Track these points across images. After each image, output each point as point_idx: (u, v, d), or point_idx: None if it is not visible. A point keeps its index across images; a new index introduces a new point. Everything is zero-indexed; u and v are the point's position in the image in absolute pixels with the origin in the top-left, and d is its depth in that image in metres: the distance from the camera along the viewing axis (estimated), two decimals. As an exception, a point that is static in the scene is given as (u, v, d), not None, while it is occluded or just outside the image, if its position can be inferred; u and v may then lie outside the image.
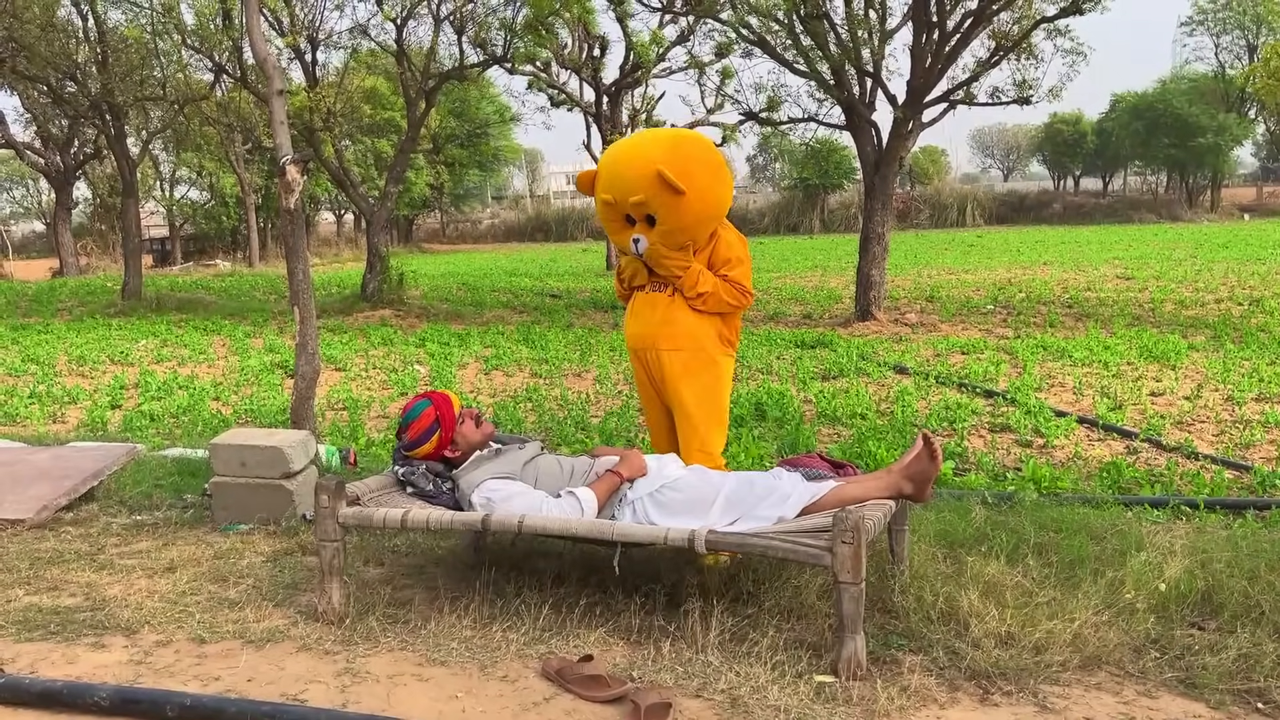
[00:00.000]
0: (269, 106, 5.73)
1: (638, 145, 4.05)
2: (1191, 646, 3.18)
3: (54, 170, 26.69)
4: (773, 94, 16.79)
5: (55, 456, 5.66)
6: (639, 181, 3.84)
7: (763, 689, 2.93)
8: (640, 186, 3.84)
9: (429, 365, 10.53)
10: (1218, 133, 44.00)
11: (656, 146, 3.94)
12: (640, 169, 3.85)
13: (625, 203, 3.91)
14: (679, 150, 3.91)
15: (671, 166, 3.80)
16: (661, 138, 4.07)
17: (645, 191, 3.83)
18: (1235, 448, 6.22)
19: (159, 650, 3.37)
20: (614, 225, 4.09)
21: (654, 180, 3.80)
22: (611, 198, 3.96)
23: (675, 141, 3.99)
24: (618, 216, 4.01)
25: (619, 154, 4.06)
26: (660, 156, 3.84)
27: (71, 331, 14.31)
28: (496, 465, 3.72)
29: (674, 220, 3.90)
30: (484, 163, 44.82)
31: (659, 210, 3.87)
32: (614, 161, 4.02)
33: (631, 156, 3.97)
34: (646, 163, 3.84)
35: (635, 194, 3.86)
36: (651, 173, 3.80)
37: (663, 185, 3.79)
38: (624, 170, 3.94)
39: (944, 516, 4.42)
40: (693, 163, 3.90)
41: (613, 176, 3.97)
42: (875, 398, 8.03)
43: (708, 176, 3.93)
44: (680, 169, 3.82)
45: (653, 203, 3.85)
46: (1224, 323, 11.67)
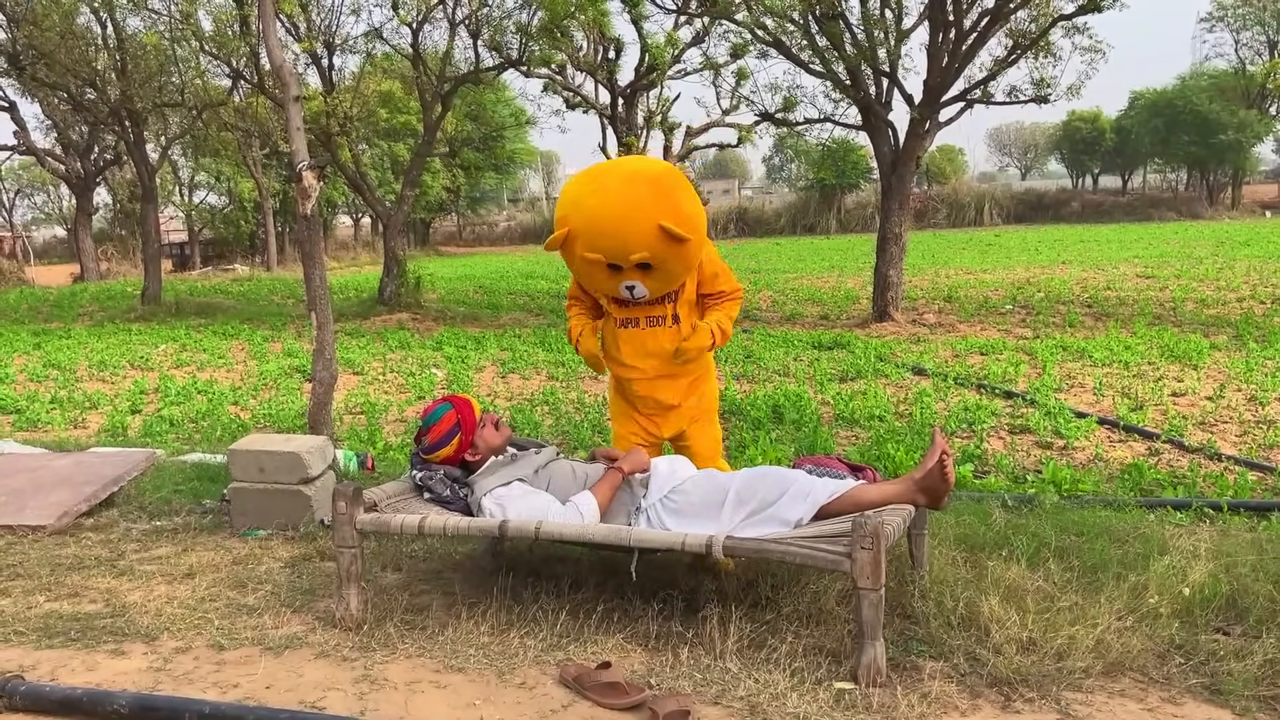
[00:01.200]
0: (286, 112, 5.75)
1: (624, 199, 3.69)
2: (1216, 652, 3.14)
3: (74, 176, 26.93)
4: (788, 94, 16.74)
5: (76, 462, 5.70)
6: (639, 239, 3.63)
7: (782, 696, 2.91)
8: (642, 244, 3.64)
9: (446, 369, 10.54)
10: (1238, 129, 43.64)
11: (646, 197, 3.66)
12: (638, 226, 3.62)
13: (626, 261, 3.68)
14: (667, 194, 3.69)
15: (669, 214, 3.62)
16: (643, 186, 3.70)
17: (649, 247, 3.64)
18: (1259, 448, 6.15)
19: (178, 657, 3.38)
20: (598, 277, 3.84)
21: (656, 235, 3.61)
22: (602, 258, 3.71)
23: (658, 184, 3.71)
24: (601, 268, 3.77)
25: (605, 212, 3.70)
26: (655, 208, 3.62)
27: (92, 336, 14.42)
28: (510, 470, 3.71)
29: (677, 264, 3.76)
30: (500, 165, 44.85)
31: (662, 260, 3.70)
32: (600, 224, 3.70)
33: (623, 213, 3.67)
34: (644, 218, 3.62)
35: (637, 252, 3.65)
36: (652, 229, 3.60)
37: (666, 239, 3.62)
38: (618, 230, 3.66)
39: (964, 520, 4.39)
40: (681, 200, 3.71)
41: (602, 239, 3.69)
42: (893, 399, 7.99)
43: (693, 208, 3.78)
44: (676, 214, 3.65)
45: (658, 256, 3.67)
46: (1246, 321, 11.56)
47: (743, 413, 7.34)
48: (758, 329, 13.08)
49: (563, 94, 19.36)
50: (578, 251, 3.77)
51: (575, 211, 3.78)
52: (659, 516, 3.54)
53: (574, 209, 3.79)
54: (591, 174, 3.88)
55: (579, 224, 3.74)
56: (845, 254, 28.94)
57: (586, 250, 3.73)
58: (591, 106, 19.38)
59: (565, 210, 3.82)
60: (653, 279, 3.79)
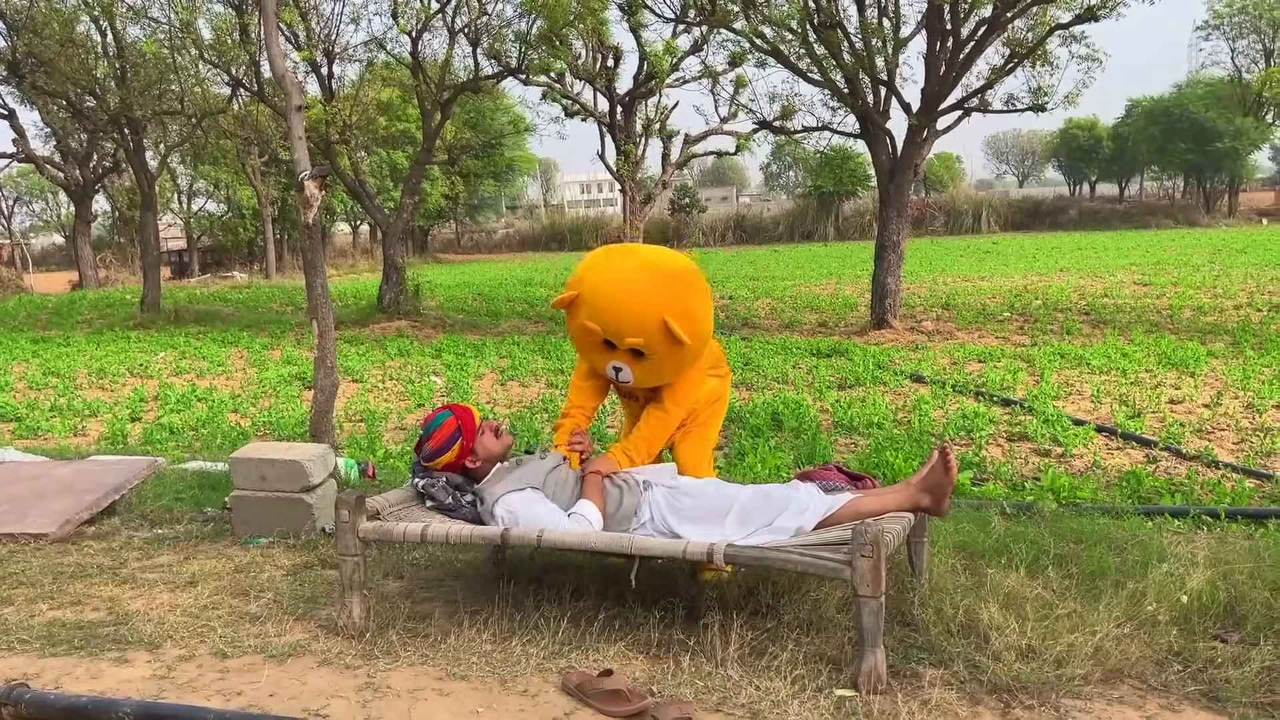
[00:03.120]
0: (288, 122, 5.77)
1: (638, 281, 3.68)
2: (1214, 659, 3.16)
3: (73, 184, 26.95)
4: (787, 103, 16.82)
5: (77, 470, 5.71)
6: (638, 325, 3.61)
7: (783, 703, 2.93)
8: (641, 331, 3.62)
9: (445, 376, 10.56)
10: (1235, 137, 43.82)
11: (659, 289, 3.65)
12: (642, 313, 3.61)
13: (621, 342, 3.68)
14: (683, 292, 3.69)
15: (675, 310, 3.60)
16: (660, 275, 3.70)
17: (646, 336, 3.62)
18: (1256, 456, 6.18)
19: (182, 665, 3.39)
20: (590, 347, 3.84)
21: (658, 329, 3.59)
22: (599, 329, 3.70)
23: (675, 280, 3.71)
24: (597, 341, 3.76)
25: (615, 290, 3.69)
26: (664, 301, 3.61)
27: (91, 344, 14.43)
28: (519, 476, 3.73)
29: (668, 363, 3.75)
30: (499, 173, 45.05)
31: (655, 353, 3.68)
32: (608, 297, 3.69)
33: (632, 297, 3.65)
34: (649, 307, 3.60)
35: (634, 337, 3.63)
36: (656, 320, 3.58)
37: (667, 335, 3.60)
38: (622, 311, 3.65)
39: (963, 527, 4.41)
40: (693, 303, 3.71)
41: (606, 313, 3.68)
42: (892, 407, 8.02)
43: (704, 313, 3.77)
44: (683, 311, 3.63)
45: (652, 347, 3.65)
46: (1244, 329, 11.59)
47: (742, 420, 7.36)
48: (756, 337, 13.11)
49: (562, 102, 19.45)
50: (580, 318, 3.76)
51: (589, 278, 3.79)
52: (662, 515, 3.57)
53: (589, 274, 3.80)
54: (618, 249, 3.94)
55: (589, 291, 3.74)
56: (843, 261, 29.00)
57: (588, 319, 3.72)
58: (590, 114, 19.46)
59: (581, 274, 3.84)
60: (641, 369, 3.77)
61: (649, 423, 3.93)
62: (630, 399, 4.17)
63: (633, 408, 4.20)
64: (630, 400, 4.19)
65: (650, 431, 3.92)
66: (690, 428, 4.10)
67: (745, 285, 21.08)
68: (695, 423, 4.11)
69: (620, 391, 4.15)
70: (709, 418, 4.16)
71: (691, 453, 4.09)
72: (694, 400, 4.01)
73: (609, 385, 4.11)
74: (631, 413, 4.22)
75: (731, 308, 16.69)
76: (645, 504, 3.63)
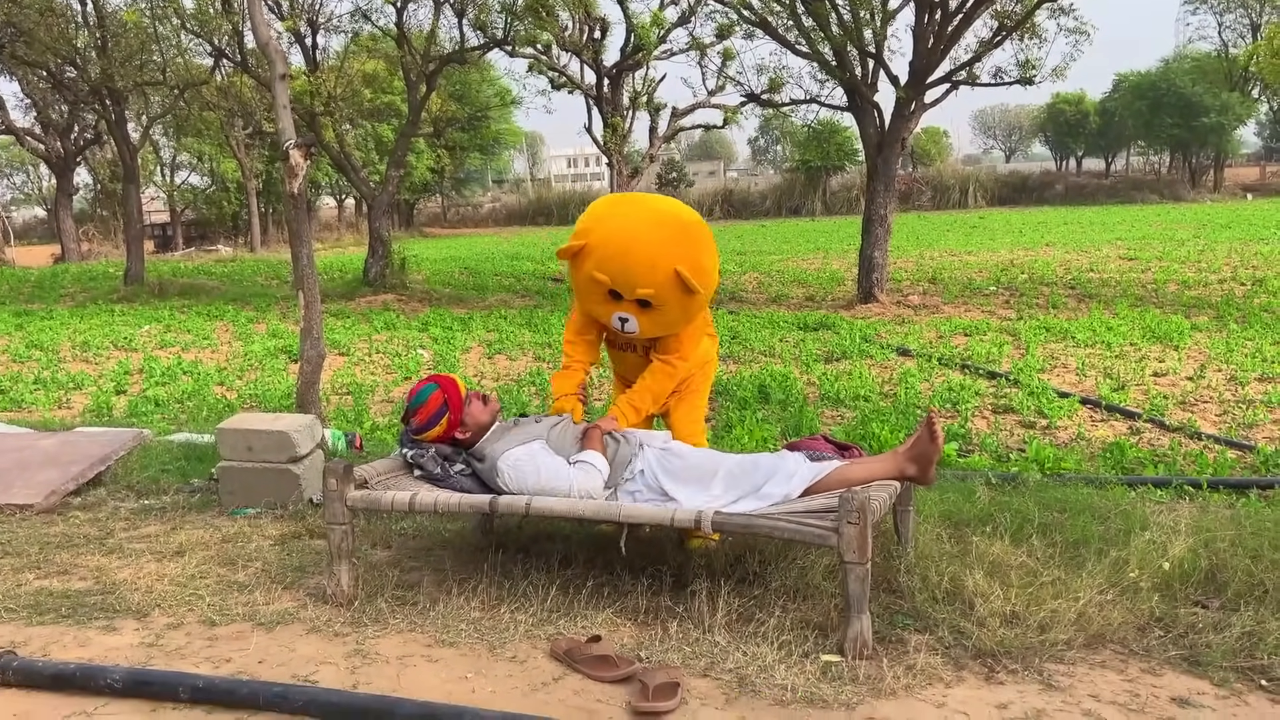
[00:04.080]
0: (271, 91, 5.72)
1: (648, 233, 3.66)
2: (1195, 625, 3.19)
3: (54, 156, 26.68)
4: (775, 75, 16.73)
5: (62, 442, 5.68)
6: (650, 276, 3.60)
7: (770, 668, 2.95)
8: (651, 281, 3.60)
9: (433, 350, 10.54)
10: (1221, 112, 43.90)
11: (670, 239, 3.65)
12: (655, 263, 3.59)
13: (630, 292, 3.66)
14: (694, 242, 3.69)
15: (687, 262, 3.60)
16: (672, 226, 3.70)
17: (657, 287, 3.61)
18: (1238, 427, 6.23)
19: (170, 633, 3.39)
20: (595, 297, 3.80)
21: (670, 278, 3.58)
22: (608, 279, 3.67)
23: (685, 230, 3.71)
24: (602, 291, 3.73)
25: (626, 240, 3.67)
26: (677, 251, 3.61)
27: (75, 317, 14.33)
28: (520, 432, 3.73)
29: (677, 313, 3.75)
30: (485, 146, 44.76)
31: (664, 303, 3.67)
32: (619, 247, 3.66)
33: (643, 247, 3.63)
34: (662, 257, 3.59)
35: (645, 288, 3.62)
36: (668, 270, 3.57)
37: (678, 285, 3.61)
38: (633, 261, 3.62)
39: (949, 497, 4.44)
40: (703, 254, 3.71)
41: (616, 263, 3.65)
42: (878, 380, 8.05)
43: (712, 264, 3.78)
44: (695, 263, 3.63)
45: (662, 297, 3.64)
46: (1227, 303, 11.66)
47: (729, 393, 7.38)
48: (744, 310, 13.12)
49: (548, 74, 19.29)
50: (586, 268, 3.71)
51: (598, 228, 3.73)
52: (654, 473, 3.58)
53: (597, 226, 3.75)
54: (624, 198, 3.90)
55: (597, 241, 3.69)
56: (830, 236, 28.99)
57: (596, 269, 3.67)
58: (577, 87, 19.33)
59: (588, 224, 3.78)
60: (648, 319, 3.75)
61: (654, 375, 3.92)
62: (626, 351, 4.10)
63: (625, 362, 4.15)
64: (623, 353, 4.13)
65: (656, 383, 3.92)
66: (683, 394, 4.10)
67: (733, 260, 21.06)
68: (688, 389, 4.11)
69: (613, 345, 4.11)
70: (700, 383, 4.16)
71: (685, 419, 4.10)
72: (696, 354, 4.01)
73: (601, 340, 4.10)
74: (623, 368, 4.18)
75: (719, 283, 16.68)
76: (638, 459, 3.63)
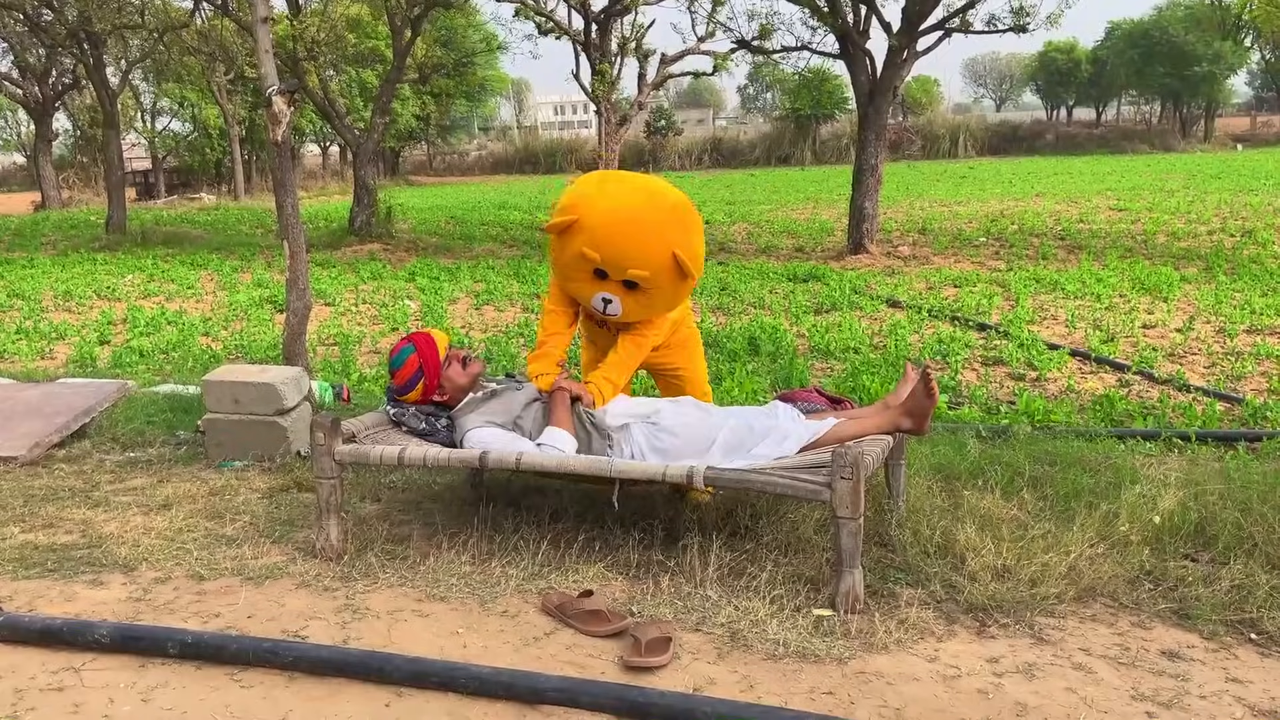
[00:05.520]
0: (254, 35, 5.58)
1: (646, 214, 3.58)
2: (1185, 578, 3.21)
3: (32, 101, 26.15)
4: (766, 22, 16.47)
5: (46, 393, 5.62)
6: (644, 257, 3.53)
7: (762, 623, 2.95)
8: (646, 264, 3.54)
9: (420, 300, 10.46)
10: (1213, 61, 43.65)
11: (668, 221, 3.59)
12: (650, 244, 3.53)
13: (621, 273, 3.57)
14: (688, 226, 3.64)
15: (684, 246, 3.55)
16: (668, 207, 3.63)
17: (652, 269, 3.54)
18: (1227, 380, 6.24)
19: (158, 587, 3.37)
20: (580, 276, 3.69)
21: (666, 261, 3.53)
22: (598, 258, 3.57)
23: (679, 213, 3.64)
24: (588, 270, 3.64)
25: (621, 221, 3.57)
26: (674, 235, 3.55)
27: (56, 266, 14.16)
28: (490, 409, 3.66)
29: (665, 296, 3.69)
30: (471, 93, 44.14)
31: (655, 286, 3.61)
32: (615, 227, 3.56)
33: (641, 226, 3.56)
34: (659, 240, 3.53)
35: (639, 268, 3.55)
36: (666, 253, 3.52)
37: (675, 269, 3.56)
38: (628, 242, 3.55)
39: (939, 450, 4.43)
40: (694, 238, 3.66)
41: (610, 243, 3.55)
42: (868, 331, 8.02)
43: (701, 249, 3.73)
44: (690, 247, 3.59)
45: (655, 280, 3.58)
46: (1216, 254, 11.65)
47: (719, 345, 7.34)
48: (733, 261, 13.05)
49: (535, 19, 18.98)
50: (575, 245, 3.59)
51: (589, 205, 3.61)
52: (642, 454, 3.51)
53: (587, 202, 3.63)
54: (614, 175, 3.79)
55: (590, 218, 3.58)
56: (820, 185, 28.80)
57: (587, 246, 3.56)
58: (564, 32, 19.02)
59: (577, 200, 3.65)
60: (634, 301, 3.67)
61: (626, 346, 3.84)
62: (600, 326, 4.04)
63: (598, 336, 4.08)
64: (597, 328, 4.06)
65: (628, 354, 3.85)
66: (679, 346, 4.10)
67: (722, 210, 20.92)
68: (679, 341, 4.10)
69: (589, 316, 4.01)
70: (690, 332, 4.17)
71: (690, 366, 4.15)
72: (667, 325, 3.95)
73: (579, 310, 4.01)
74: (595, 342, 4.12)
75: (708, 232, 16.56)
76: (624, 443, 3.57)
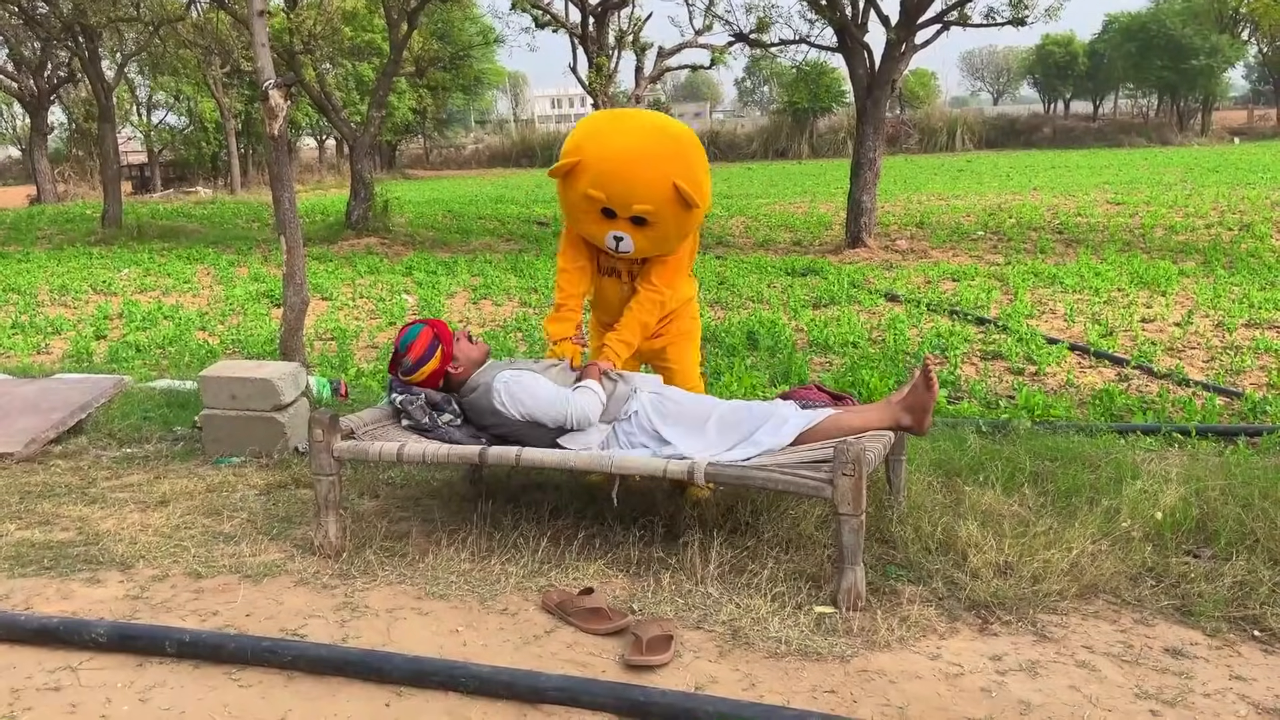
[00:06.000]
0: (250, 28, 5.55)
1: (645, 148, 3.59)
2: (1187, 574, 3.20)
3: (28, 95, 26.04)
4: (763, 15, 16.43)
5: (42, 389, 5.59)
6: (649, 191, 3.53)
7: (763, 620, 2.94)
8: (649, 197, 3.53)
9: (417, 294, 10.43)
10: (1210, 54, 43.62)
11: (668, 154, 3.59)
12: (653, 178, 3.53)
13: (627, 210, 3.59)
14: (689, 157, 3.63)
15: (686, 176, 3.55)
16: (667, 141, 3.63)
17: (655, 202, 3.54)
18: (1226, 374, 6.23)
19: (155, 585, 3.35)
20: (589, 216, 3.71)
21: (669, 193, 3.52)
22: (603, 197, 3.58)
23: (681, 143, 3.64)
24: (596, 210, 3.65)
25: (624, 154, 3.59)
26: (674, 165, 3.55)
27: (52, 260, 14.12)
28: (515, 363, 3.74)
29: (673, 229, 3.67)
30: (467, 86, 44.03)
31: (661, 219, 3.60)
32: (616, 163, 3.58)
33: (641, 162, 3.56)
34: (660, 171, 3.53)
35: (643, 203, 3.55)
36: (667, 185, 3.51)
37: (677, 199, 3.54)
38: (631, 177, 3.55)
39: (940, 445, 4.42)
40: (698, 166, 3.65)
41: (613, 179, 3.56)
42: (867, 325, 8.01)
43: (705, 179, 3.71)
44: (691, 177, 3.57)
45: (659, 213, 3.57)
46: (1214, 248, 11.64)
47: (718, 339, 7.32)
48: (731, 255, 13.02)
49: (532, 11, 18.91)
50: (580, 186, 3.61)
51: (591, 145, 3.63)
52: (647, 415, 3.52)
53: (590, 142, 3.64)
54: (616, 114, 3.83)
55: (592, 157, 3.59)
56: (817, 179, 28.78)
57: (591, 186, 3.58)
58: (561, 25, 18.95)
59: (580, 141, 3.66)
60: (644, 236, 3.67)
61: (640, 305, 3.85)
62: (611, 277, 3.99)
63: (610, 292, 4.01)
64: (609, 279, 4.00)
65: (643, 312, 3.85)
66: (674, 338, 4.05)
67: (719, 203, 20.88)
68: (678, 334, 4.06)
69: (600, 272, 4.00)
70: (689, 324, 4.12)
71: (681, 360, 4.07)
72: (681, 280, 3.94)
73: (594, 267, 3.99)
74: (607, 298, 4.05)
75: (705, 226, 16.53)
76: (634, 400, 3.59)
